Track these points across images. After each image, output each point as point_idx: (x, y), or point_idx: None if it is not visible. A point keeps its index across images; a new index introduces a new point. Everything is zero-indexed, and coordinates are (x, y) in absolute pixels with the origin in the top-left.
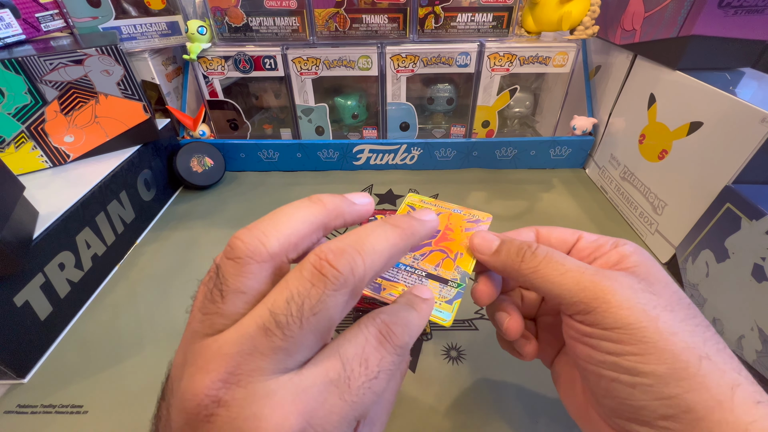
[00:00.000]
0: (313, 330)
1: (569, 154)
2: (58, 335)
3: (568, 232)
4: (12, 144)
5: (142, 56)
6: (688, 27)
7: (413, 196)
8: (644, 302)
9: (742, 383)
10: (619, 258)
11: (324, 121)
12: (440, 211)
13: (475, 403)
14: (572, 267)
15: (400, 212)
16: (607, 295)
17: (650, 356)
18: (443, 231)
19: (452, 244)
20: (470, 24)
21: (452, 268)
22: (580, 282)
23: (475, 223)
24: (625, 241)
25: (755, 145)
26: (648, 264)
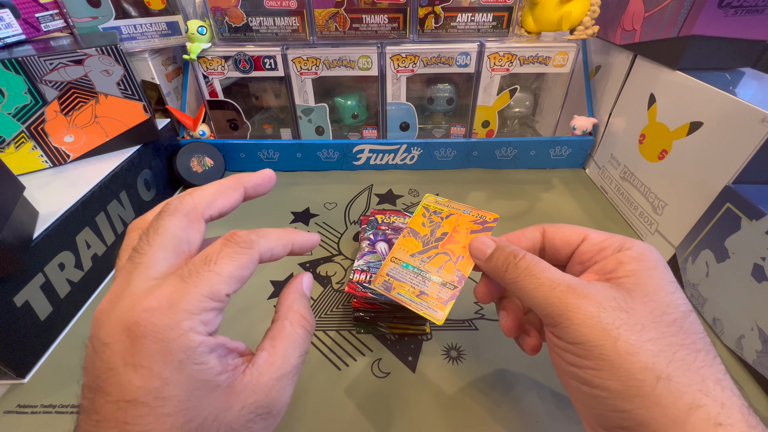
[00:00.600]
0: (160, 246)
1: (569, 154)
2: (58, 335)
3: (575, 232)
4: (12, 144)
5: (142, 56)
6: (688, 27)
7: (429, 197)
8: (607, 321)
9: (705, 405)
10: (616, 265)
11: (324, 121)
12: (451, 212)
13: (474, 403)
14: (545, 282)
15: (416, 214)
16: (570, 313)
17: (605, 372)
18: (450, 233)
19: (456, 246)
20: (470, 24)
21: (452, 271)
22: (548, 298)
23: (480, 224)
24: (631, 244)
25: (755, 145)
26: (643, 273)
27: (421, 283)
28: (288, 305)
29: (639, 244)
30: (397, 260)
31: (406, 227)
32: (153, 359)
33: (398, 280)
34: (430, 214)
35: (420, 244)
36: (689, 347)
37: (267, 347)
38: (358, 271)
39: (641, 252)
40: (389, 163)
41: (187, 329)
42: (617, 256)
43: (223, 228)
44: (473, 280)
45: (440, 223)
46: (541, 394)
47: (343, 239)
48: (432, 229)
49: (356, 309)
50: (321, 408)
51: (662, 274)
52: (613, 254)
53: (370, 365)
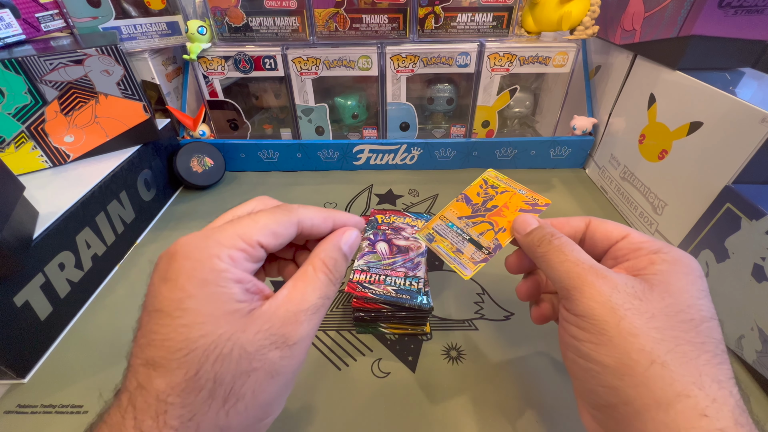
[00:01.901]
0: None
1: (569, 154)
2: (58, 335)
3: (617, 229)
4: (12, 144)
5: (142, 56)
6: (688, 27)
7: (491, 171)
8: (617, 301)
9: (695, 396)
10: (647, 264)
11: (324, 121)
12: (507, 189)
13: (474, 403)
14: (571, 258)
15: (474, 183)
16: (584, 287)
17: (603, 347)
18: (500, 207)
19: (501, 219)
20: (470, 24)
21: (491, 239)
22: (570, 272)
23: (531, 206)
24: (669, 249)
25: (755, 145)
26: (671, 274)
27: (459, 243)
28: (317, 254)
29: (678, 251)
30: (445, 219)
31: (461, 193)
32: (180, 274)
33: (441, 236)
34: (486, 187)
35: (469, 210)
36: (696, 345)
37: (288, 286)
38: (358, 271)
39: (676, 257)
40: (389, 163)
41: (215, 254)
42: (651, 257)
43: None
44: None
45: (494, 196)
46: (541, 393)
47: None
48: (485, 199)
49: (356, 309)
50: (321, 408)
51: (693, 279)
52: (647, 255)
53: (370, 365)
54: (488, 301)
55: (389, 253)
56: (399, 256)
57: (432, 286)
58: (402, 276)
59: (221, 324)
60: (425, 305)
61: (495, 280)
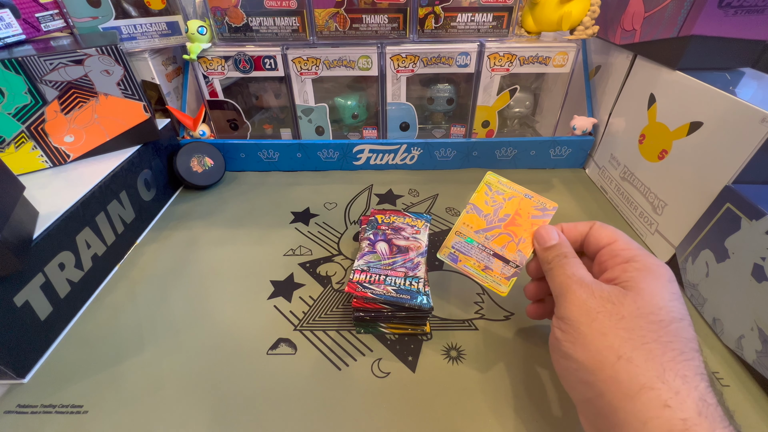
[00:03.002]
0: None
1: (569, 154)
2: (58, 335)
3: (608, 235)
4: (12, 144)
5: (142, 56)
6: (688, 27)
7: (492, 176)
8: (591, 305)
9: (657, 389)
10: (619, 273)
11: (324, 121)
12: (513, 195)
13: (474, 403)
14: (567, 273)
15: (479, 191)
16: (568, 294)
17: (579, 346)
18: (512, 216)
19: (518, 229)
20: (470, 24)
21: (515, 251)
22: (562, 283)
23: (541, 211)
24: (640, 258)
25: (755, 145)
26: (642, 280)
27: (485, 259)
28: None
29: (650, 258)
30: (461, 234)
31: (469, 204)
32: None
33: (464, 254)
34: (492, 194)
35: (483, 222)
36: (663, 344)
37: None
38: (358, 271)
39: (647, 264)
40: (389, 163)
41: None
42: (623, 265)
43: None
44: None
45: (503, 204)
46: (541, 394)
47: (343, 239)
48: (495, 209)
49: (356, 309)
50: (321, 408)
51: (663, 283)
52: (621, 263)
53: (370, 365)
54: (488, 301)
55: (389, 253)
56: (399, 256)
57: (432, 286)
58: (402, 276)
59: None
60: (425, 305)
61: None
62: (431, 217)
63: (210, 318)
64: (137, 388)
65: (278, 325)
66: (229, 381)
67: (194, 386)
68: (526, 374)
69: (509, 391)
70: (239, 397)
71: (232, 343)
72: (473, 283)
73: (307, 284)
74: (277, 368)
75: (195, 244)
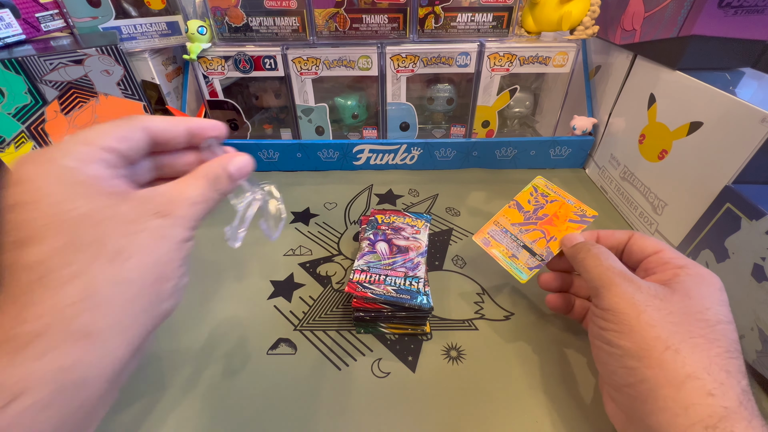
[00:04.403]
0: None
1: (569, 154)
2: None
3: (653, 245)
4: (12, 144)
5: (142, 56)
6: (688, 27)
7: (541, 179)
8: (639, 299)
9: (703, 379)
10: (671, 276)
11: (324, 121)
12: (557, 198)
13: (474, 403)
14: (604, 264)
15: (525, 191)
16: (612, 286)
17: (625, 335)
18: (551, 216)
19: (552, 228)
20: (470, 24)
21: (543, 246)
22: (602, 274)
23: (580, 217)
24: (694, 267)
25: (755, 145)
26: (693, 285)
27: (514, 249)
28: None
29: (702, 268)
30: (498, 224)
31: (512, 200)
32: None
33: (496, 240)
34: (537, 195)
35: (522, 217)
36: (709, 340)
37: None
38: (358, 271)
39: (700, 272)
40: (389, 163)
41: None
42: (676, 270)
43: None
44: None
45: (544, 205)
46: (541, 394)
47: (343, 239)
48: (535, 207)
49: (356, 309)
50: (321, 408)
51: (712, 291)
52: (673, 269)
53: (370, 365)
54: (488, 301)
55: (389, 253)
56: (399, 256)
57: (432, 286)
58: (402, 276)
59: (91, 200)
60: (425, 305)
61: (495, 280)
62: (431, 217)
63: (210, 318)
64: (137, 388)
65: (278, 325)
66: (229, 381)
67: (194, 386)
68: (526, 374)
69: (509, 391)
70: (239, 397)
71: (232, 343)
72: (473, 283)
73: (307, 284)
74: (277, 368)
75: (195, 244)
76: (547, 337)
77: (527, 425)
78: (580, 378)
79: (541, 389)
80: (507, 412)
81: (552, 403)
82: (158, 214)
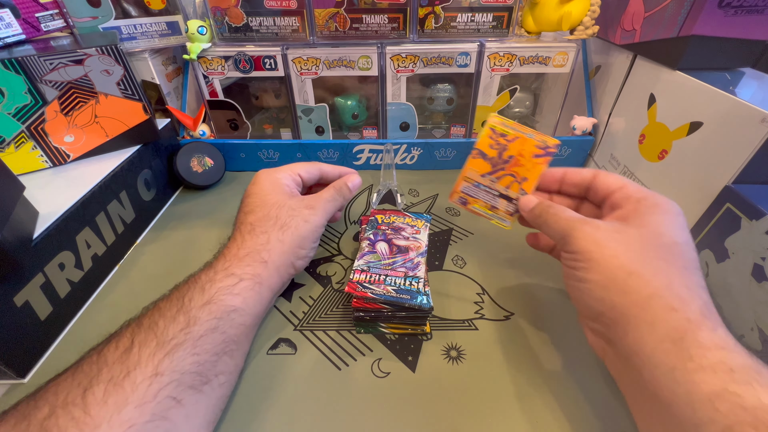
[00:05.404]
0: None
1: (569, 154)
2: (58, 335)
3: (617, 182)
4: (12, 144)
5: (142, 56)
6: (688, 27)
7: (496, 118)
8: (600, 237)
9: (664, 297)
10: (633, 210)
11: (324, 121)
12: (516, 136)
13: (474, 403)
14: (564, 216)
15: (483, 135)
16: (574, 232)
17: (592, 270)
18: (516, 156)
19: (521, 169)
20: (470, 24)
21: (517, 189)
22: (564, 225)
23: (543, 150)
24: (652, 197)
25: (755, 145)
26: (649, 213)
27: (491, 200)
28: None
29: (660, 197)
30: (469, 179)
31: (474, 149)
32: (260, 181)
33: (472, 196)
34: (497, 137)
35: (489, 166)
36: (667, 261)
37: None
38: (358, 271)
39: (656, 203)
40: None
41: (276, 176)
42: (636, 204)
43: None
44: None
45: (506, 146)
46: (541, 394)
47: (343, 239)
48: (499, 152)
49: (356, 309)
50: (321, 408)
51: (669, 217)
52: (634, 203)
53: (370, 365)
54: (488, 301)
55: (389, 253)
56: (399, 256)
57: (432, 286)
58: (402, 276)
59: (280, 196)
60: (425, 305)
61: (495, 280)
62: (431, 217)
63: None
64: None
65: (278, 325)
66: None
67: None
68: (526, 374)
69: (509, 391)
70: (239, 397)
71: None
72: (473, 283)
73: (307, 284)
74: (277, 368)
75: (195, 245)
76: (548, 337)
77: (527, 425)
78: (581, 378)
79: (542, 389)
80: (507, 412)
81: (552, 403)
82: (307, 206)
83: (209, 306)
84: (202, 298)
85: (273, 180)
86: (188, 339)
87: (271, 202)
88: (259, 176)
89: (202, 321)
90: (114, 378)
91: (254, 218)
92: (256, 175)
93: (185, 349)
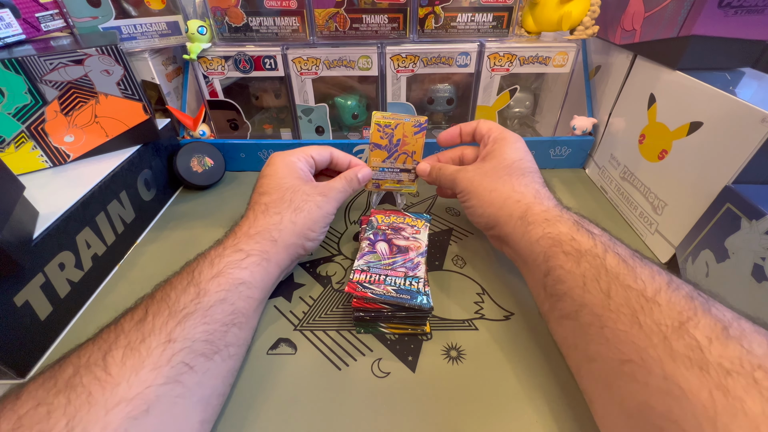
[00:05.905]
0: None
1: (569, 154)
2: (58, 335)
3: (486, 126)
4: (12, 144)
5: (142, 56)
6: (688, 27)
7: (377, 114)
8: (470, 176)
9: (511, 196)
10: (491, 146)
11: (324, 121)
12: (397, 122)
13: (474, 403)
14: (448, 172)
15: (373, 131)
16: (456, 179)
17: (472, 198)
18: (402, 138)
19: (408, 146)
20: (470, 24)
21: (411, 163)
22: (450, 178)
23: (419, 127)
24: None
25: (755, 145)
26: (496, 148)
27: (395, 176)
28: (340, 174)
29: (507, 132)
30: (374, 167)
31: (369, 144)
32: (275, 162)
33: (382, 179)
34: (382, 128)
35: (385, 153)
36: (511, 174)
37: (325, 180)
38: (358, 271)
39: (504, 137)
40: None
41: (290, 158)
42: (493, 143)
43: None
44: None
45: (392, 133)
46: (541, 394)
47: (343, 239)
48: (389, 139)
49: (356, 309)
50: (321, 408)
51: (510, 145)
52: (492, 142)
53: (370, 365)
54: (488, 301)
55: (389, 253)
56: (399, 256)
57: (432, 286)
58: (402, 276)
59: (295, 181)
60: (425, 305)
61: (495, 280)
62: (431, 217)
63: None
64: None
65: (278, 325)
66: None
67: None
68: (527, 374)
69: (509, 391)
70: (239, 397)
71: None
72: (473, 283)
73: (307, 284)
74: (277, 368)
75: (195, 245)
76: (547, 337)
77: (527, 425)
78: None
79: (542, 389)
80: (507, 412)
81: (552, 403)
82: (320, 194)
83: (218, 278)
84: (211, 272)
85: (288, 163)
86: (198, 309)
87: (287, 186)
88: (274, 158)
89: (211, 292)
90: (131, 343)
91: (269, 199)
92: (271, 157)
93: (196, 318)
